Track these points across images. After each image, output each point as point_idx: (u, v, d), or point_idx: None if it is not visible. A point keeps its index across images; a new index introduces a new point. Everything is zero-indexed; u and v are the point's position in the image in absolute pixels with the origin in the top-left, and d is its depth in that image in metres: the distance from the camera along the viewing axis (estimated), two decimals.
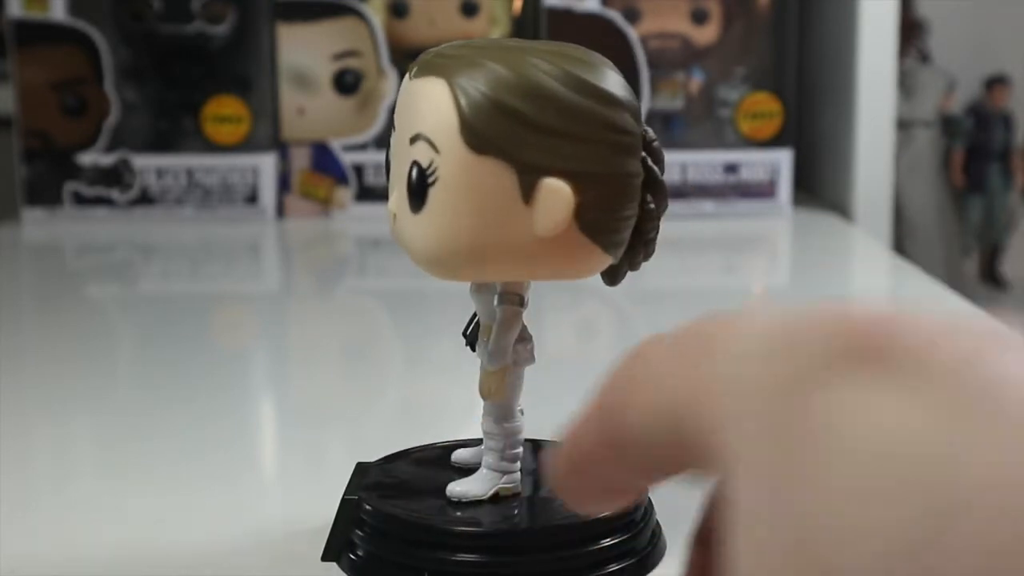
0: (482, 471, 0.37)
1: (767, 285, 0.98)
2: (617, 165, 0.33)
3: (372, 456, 0.40)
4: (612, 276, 0.36)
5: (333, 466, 0.48)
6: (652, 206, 0.34)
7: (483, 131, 0.32)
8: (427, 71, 0.33)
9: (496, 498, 0.37)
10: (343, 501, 0.38)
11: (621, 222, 0.33)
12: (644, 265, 0.36)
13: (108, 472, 0.50)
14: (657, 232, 0.35)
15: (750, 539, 0.17)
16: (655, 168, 0.34)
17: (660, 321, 0.82)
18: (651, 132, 0.34)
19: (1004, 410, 0.16)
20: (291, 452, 0.55)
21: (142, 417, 0.57)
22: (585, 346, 0.73)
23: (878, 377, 0.17)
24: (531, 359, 0.36)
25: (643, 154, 0.34)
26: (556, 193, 0.32)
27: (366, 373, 0.69)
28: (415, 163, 0.33)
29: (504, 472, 0.37)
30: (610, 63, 0.34)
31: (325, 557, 0.37)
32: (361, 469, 0.40)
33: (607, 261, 0.34)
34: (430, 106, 0.32)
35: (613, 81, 0.33)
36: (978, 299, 1.40)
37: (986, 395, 0.16)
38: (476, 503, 0.36)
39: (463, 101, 0.32)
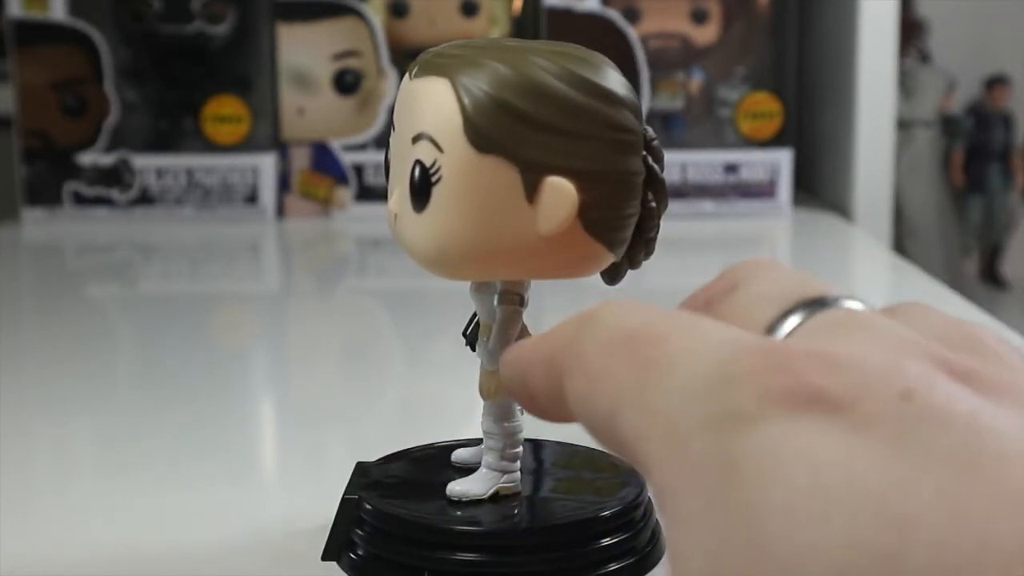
0: (482, 471, 0.37)
1: None
2: (620, 163, 0.33)
3: (372, 456, 0.40)
4: (612, 275, 0.36)
5: (333, 466, 0.48)
6: (653, 204, 0.34)
7: (487, 130, 0.32)
8: (428, 71, 0.33)
9: (496, 497, 0.37)
10: (343, 501, 0.37)
11: (624, 220, 0.33)
12: (644, 264, 0.36)
13: (108, 472, 0.50)
14: (658, 231, 0.35)
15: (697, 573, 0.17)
16: (655, 167, 0.34)
17: None
18: (651, 131, 0.34)
19: (937, 445, 0.16)
20: (291, 452, 0.55)
21: (142, 417, 0.57)
22: None
23: (815, 417, 0.17)
24: None
25: (643, 153, 0.34)
26: (560, 191, 0.32)
27: (366, 373, 0.69)
28: (418, 162, 0.32)
29: (504, 471, 0.37)
30: (611, 62, 0.34)
31: (325, 557, 0.37)
32: (361, 469, 0.39)
33: (610, 259, 0.34)
34: (432, 105, 0.32)
35: (614, 80, 0.33)
36: (978, 299, 1.40)
37: (921, 433, 0.16)
38: (476, 503, 0.36)
39: (466, 100, 0.32)
